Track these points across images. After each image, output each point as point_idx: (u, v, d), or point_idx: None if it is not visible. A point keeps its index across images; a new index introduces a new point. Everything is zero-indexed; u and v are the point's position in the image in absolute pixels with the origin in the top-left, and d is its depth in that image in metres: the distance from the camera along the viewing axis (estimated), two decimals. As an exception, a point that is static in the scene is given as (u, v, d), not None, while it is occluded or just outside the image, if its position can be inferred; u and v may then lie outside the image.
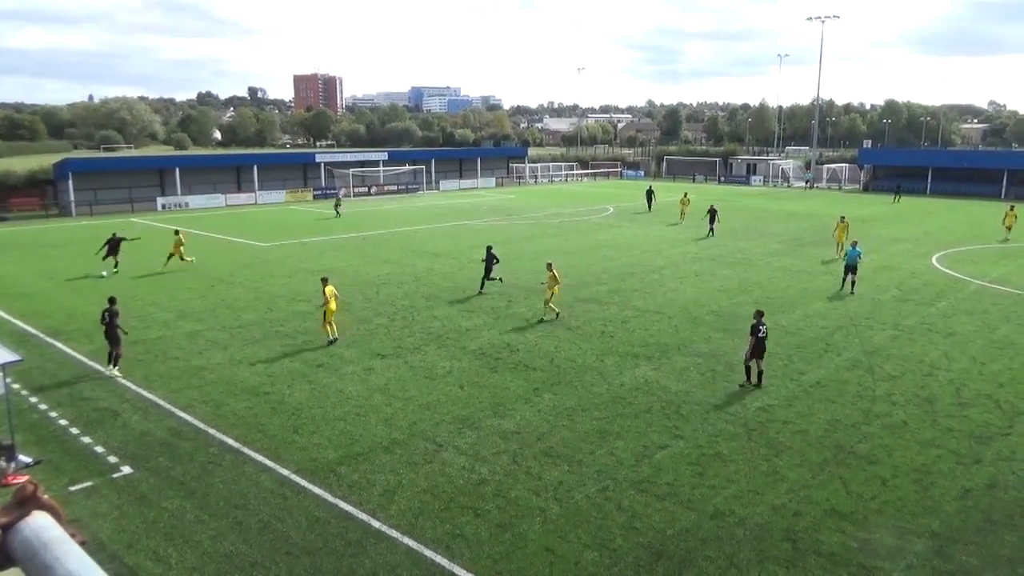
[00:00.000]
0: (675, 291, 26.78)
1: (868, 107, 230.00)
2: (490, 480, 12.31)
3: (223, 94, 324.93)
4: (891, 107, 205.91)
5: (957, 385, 17.03)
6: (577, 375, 17.56)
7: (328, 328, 19.76)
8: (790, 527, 10.97)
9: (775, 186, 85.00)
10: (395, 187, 69.29)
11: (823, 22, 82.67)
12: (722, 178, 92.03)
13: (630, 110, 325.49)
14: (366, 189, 66.84)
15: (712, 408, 15.57)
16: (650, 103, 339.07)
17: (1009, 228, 40.04)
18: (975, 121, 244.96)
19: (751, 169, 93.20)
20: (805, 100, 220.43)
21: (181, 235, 31.41)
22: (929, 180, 72.31)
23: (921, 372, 17.92)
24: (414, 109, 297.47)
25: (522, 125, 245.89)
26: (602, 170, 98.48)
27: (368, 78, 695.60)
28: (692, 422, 14.83)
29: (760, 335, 16.45)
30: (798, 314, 23.45)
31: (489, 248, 26.34)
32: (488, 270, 26.06)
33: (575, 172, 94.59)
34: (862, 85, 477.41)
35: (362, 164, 69.42)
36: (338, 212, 50.40)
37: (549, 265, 22.64)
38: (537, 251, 35.19)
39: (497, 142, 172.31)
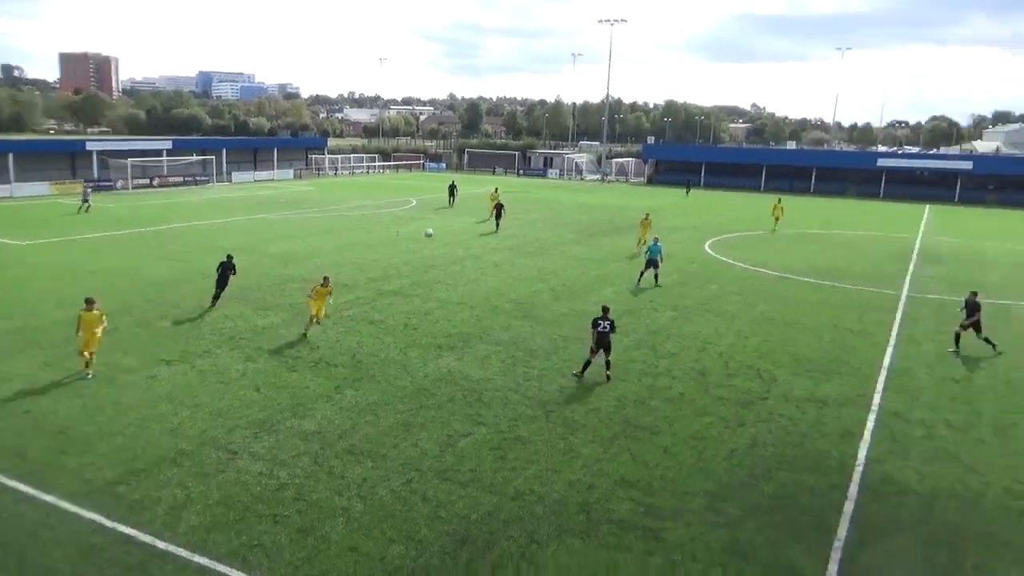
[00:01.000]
0: (477, 281, 27.34)
1: (651, 106, 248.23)
2: (290, 484, 11.86)
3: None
4: (671, 107, 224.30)
5: (726, 358, 18.93)
6: (380, 369, 17.38)
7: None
8: (585, 500, 11.63)
9: (570, 179, 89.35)
10: (181, 179, 64.32)
11: (612, 24, 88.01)
12: (521, 171, 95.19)
13: (432, 102, 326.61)
14: (148, 181, 61.40)
15: (512, 393, 16.10)
16: (452, 96, 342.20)
17: (777, 219, 44.90)
18: (740, 121, 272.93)
19: (548, 163, 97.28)
20: (596, 98, 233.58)
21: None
22: (703, 174, 79.54)
23: (696, 348, 19.72)
24: (202, 95, 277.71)
25: (321, 115, 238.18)
26: (404, 162, 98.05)
27: (149, 60, 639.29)
28: (494, 408, 15.23)
29: (600, 329, 16.71)
30: (592, 300, 24.83)
31: (228, 259, 22.75)
32: (222, 282, 22.24)
33: (377, 164, 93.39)
34: (646, 85, 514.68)
35: (143, 153, 63.69)
36: (85, 207, 44.38)
37: (326, 279, 19.84)
38: (339, 245, 34.37)
39: (295, 132, 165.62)
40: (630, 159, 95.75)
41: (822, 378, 17.54)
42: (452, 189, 54.23)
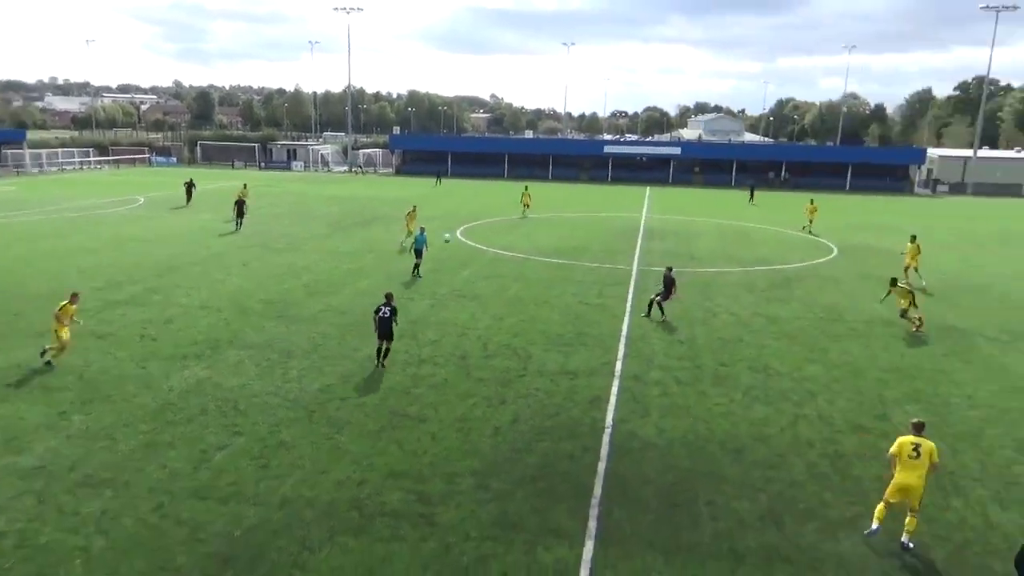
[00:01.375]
0: (222, 282, 25.57)
1: (395, 96, 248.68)
2: (8, 531, 10.23)
3: None
4: (414, 97, 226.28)
5: (484, 340, 19.63)
6: (115, 388, 15.59)
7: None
8: (355, 497, 11.43)
9: (316, 171, 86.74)
10: None
11: (348, 13, 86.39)
12: (263, 164, 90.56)
13: (155, 91, 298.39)
14: None
15: (272, 397, 15.31)
16: (178, 84, 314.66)
17: (527, 206, 46.89)
18: (482, 111, 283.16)
19: (292, 155, 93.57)
20: (338, 87, 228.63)
21: None
22: (450, 163, 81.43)
23: (456, 333, 20.20)
24: None
25: (16, 103, 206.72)
26: (127, 156, 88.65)
27: None
28: (251, 416, 14.38)
29: (381, 315, 16.77)
30: (347, 293, 24.39)
31: None
32: None
33: (93, 160, 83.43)
34: (389, 75, 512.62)
35: None
36: None
37: (74, 296, 17.43)
38: (52, 251, 30.18)
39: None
40: (377, 150, 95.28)
41: (571, 351, 18.87)
42: (189, 187, 48.94)
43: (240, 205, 38.47)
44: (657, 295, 22.20)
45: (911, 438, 10.44)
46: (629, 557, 10.05)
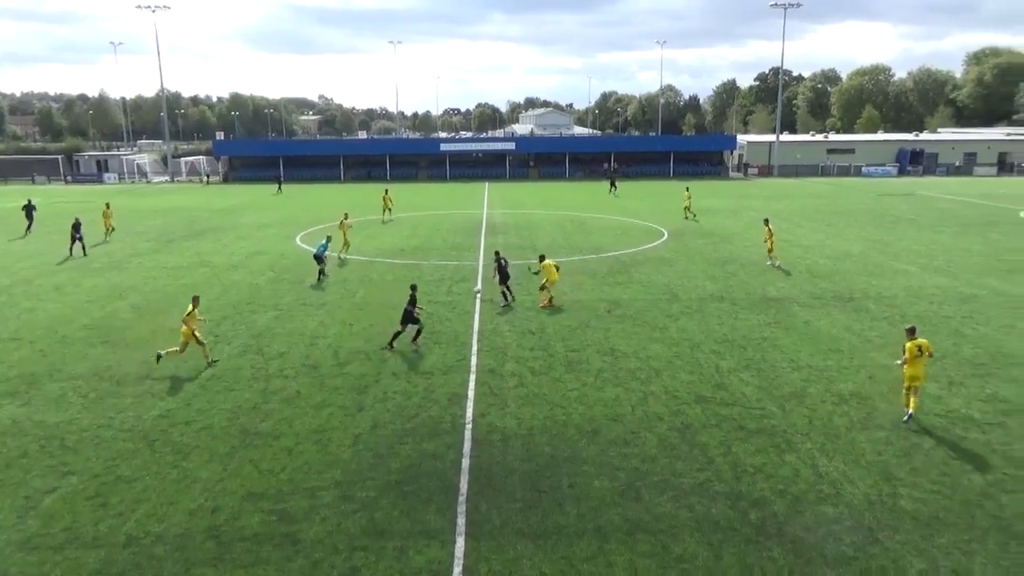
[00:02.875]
0: (33, 311, 23.14)
1: (215, 100, 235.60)
2: None
3: None
4: (237, 100, 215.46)
5: (335, 348, 19.10)
6: (-89, 438, 13.69)
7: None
8: (211, 525, 10.76)
9: (133, 182, 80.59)
10: None
11: (154, 11, 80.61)
12: (68, 177, 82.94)
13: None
14: None
15: (105, 430, 14.06)
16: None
17: (388, 209, 45.29)
18: (311, 113, 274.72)
19: (103, 166, 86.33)
20: (149, 92, 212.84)
21: None
22: (282, 168, 78.33)
23: (304, 343, 19.51)
24: None
25: None
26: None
27: None
28: (83, 452, 13.14)
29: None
30: (181, 310, 22.83)
31: None
32: None
33: None
34: (207, 78, 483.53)
35: None
36: None
37: (196, 300, 17.86)
38: None
39: None
40: (201, 157, 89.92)
41: (426, 351, 18.78)
42: (29, 209, 40.89)
43: (76, 227, 33.01)
44: (501, 283, 22.90)
45: (914, 342, 13.78)
46: (500, 548, 10.19)
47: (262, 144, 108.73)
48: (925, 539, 10.23)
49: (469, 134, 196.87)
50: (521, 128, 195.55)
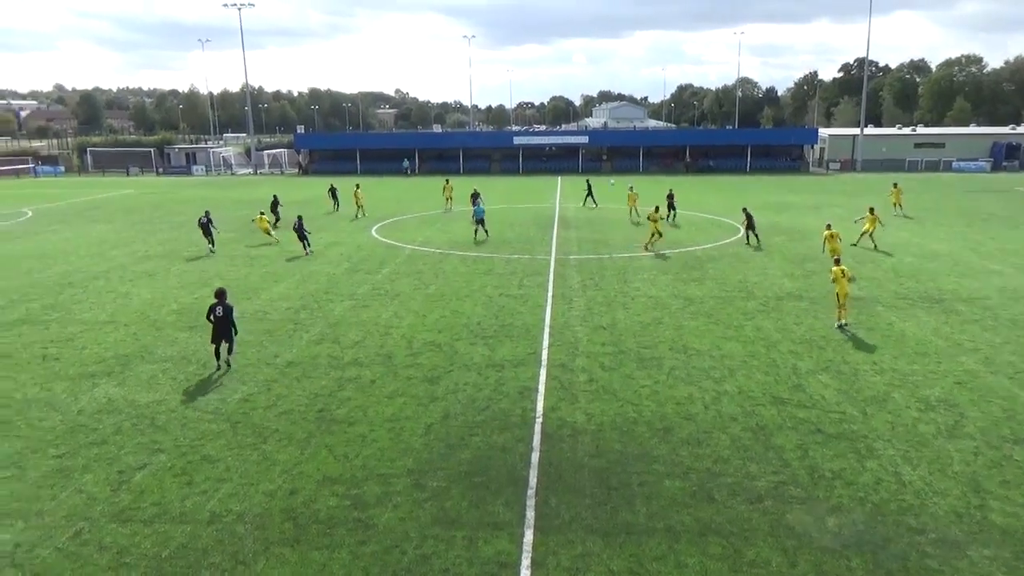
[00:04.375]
0: (127, 295, 24.38)
1: (296, 94, 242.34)
2: (-91, 575, 9.50)
3: None
4: (315, 94, 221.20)
5: (409, 338, 19.44)
6: (17, 413, 14.66)
7: None
8: (288, 506, 11.14)
9: (219, 174, 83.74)
10: None
11: (240, 9, 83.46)
12: (160, 169, 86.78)
13: (35, 95, 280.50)
14: None
15: (191, 411, 14.73)
16: (59, 87, 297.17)
17: (449, 199, 46.27)
18: (387, 107, 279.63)
19: (191, 158, 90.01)
20: (234, 86, 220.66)
21: None
22: (359, 161, 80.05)
23: (379, 333, 19.93)
24: None
25: None
26: (8, 168, 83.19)
27: None
28: (171, 431, 13.80)
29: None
30: (263, 299, 23.68)
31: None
32: None
33: (-30, 171, 77.90)
34: (285, 72, 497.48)
35: None
36: None
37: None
38: (-68, 272, 28.05)
39: None
40: (282, 150, 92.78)
41: (496, 344, 18.92)
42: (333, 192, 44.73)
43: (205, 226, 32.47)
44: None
45: (839, 268, 19.81)
46: (569, 543, 10.19)
47: (340, 137, 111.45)
48: (1018, 556, 9.73)
49: (543, 127, 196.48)
50: (594, 121, 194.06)
